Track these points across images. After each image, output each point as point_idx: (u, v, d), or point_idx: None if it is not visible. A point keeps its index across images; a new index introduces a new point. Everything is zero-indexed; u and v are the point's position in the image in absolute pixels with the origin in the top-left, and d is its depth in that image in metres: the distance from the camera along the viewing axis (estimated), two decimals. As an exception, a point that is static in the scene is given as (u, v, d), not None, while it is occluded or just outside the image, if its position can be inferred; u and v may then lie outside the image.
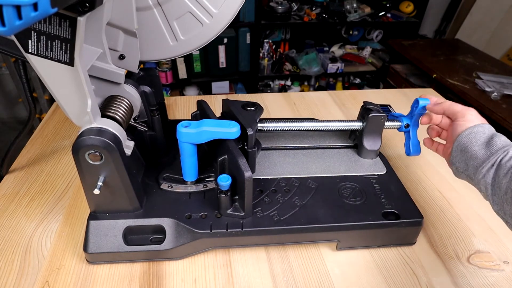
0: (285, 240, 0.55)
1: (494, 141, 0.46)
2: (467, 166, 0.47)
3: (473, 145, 0.47)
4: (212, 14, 0.51)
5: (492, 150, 0.45)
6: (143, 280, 0.51)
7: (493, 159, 0.44)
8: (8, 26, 0.24)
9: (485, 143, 0.46)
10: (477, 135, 0.48)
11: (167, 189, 0.56)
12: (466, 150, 0.48)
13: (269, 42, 2.43)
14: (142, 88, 0.57)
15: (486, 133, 0.48)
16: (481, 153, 0.46)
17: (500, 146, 0.45)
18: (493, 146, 0.45)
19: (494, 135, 0.47)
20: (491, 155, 0.45)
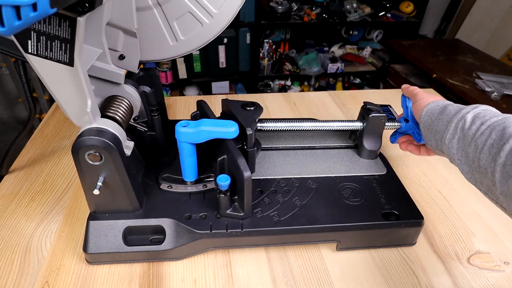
0: (285, 240, 0.55)
1: (448, 109, 0.47)
2: (436, 141, 0.48)
3: (432, 120, 0.49)
4: (212, 14, 0.51)
5: (447, 118, 0.46)
6: (143, 280, 0.51)
7: (450, 127, 0.45)
8: (7, 27, 0.24)
9: (440, 114, 0.48)
10: (433, 110, 0.50)
11: (166, 189, 0.56)
12: (430, 127, 0.49)
13: (269, 42, 2.43)
14: (142, 88, 0.57)
15: (439, 105, 0.50)
16: (440, 125, 0.47)
17: (454, 112, 0.46)
18: (447, 114, 0.47)
19: (447, 105, 0.48)
20: (448, 124, 0.45)
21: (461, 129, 0.43)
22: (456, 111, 0.46)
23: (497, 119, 0.40)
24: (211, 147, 0.59)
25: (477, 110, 0.44)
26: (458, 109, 0.46)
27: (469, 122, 0.43)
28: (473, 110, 0.44)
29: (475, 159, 0.40)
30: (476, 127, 0.41)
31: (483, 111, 0.43)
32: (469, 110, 0.44)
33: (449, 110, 0.47)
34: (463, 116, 0.44)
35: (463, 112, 0.44)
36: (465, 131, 0.43)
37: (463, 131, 0.43)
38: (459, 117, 0.44)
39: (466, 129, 0.43)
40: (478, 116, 0.42)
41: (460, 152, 0.43)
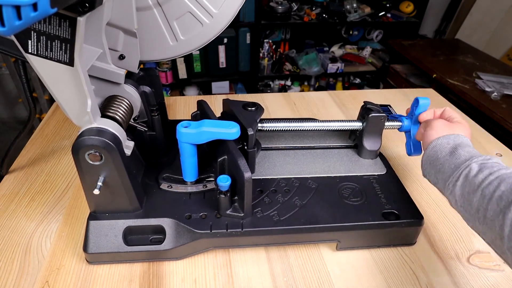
0: (285, 240, 0.55)
1: (458, 152, 0.44)
2: (437, 179, 0.46)
3: (439, 158, 0.46)
4: (212, 14, 0.51)
5: (456, 163, 0.43)
6: (143, 280, 0.51)
7: (457, 173, 0.42)
8: (8, 26, 0.24)
9: (449, 155, 0.45)
10: (441, 147, 0.46)
11: (167, 189, 0.56)
12: (433, 163, 0.47)
13: (269, 42, 2.43)
14: (142, 88, 0.57)
15: (450, 144, 0.46)
16: (446, 167, 0.44)
17: (464, 158, 0.43)
18: (457, 158, 0.44)
19: (458, 146, 0.45)
20: (456, 169, 0.43)
21: (465, 176, 0.41)
22: (466, 159, 0.43)
23: (507, 172, 0.39)
24: (211, 147, 0.59)
25: (485, 159, 0.42)
26: (469, 156, 0.43)
27: (475, 170, 0.41)
28: (481, 158, 0.42)
29: (481, 208, 0.39)
30: (483, 176, 0.39)
31: (492, 162, 0.41)
32: (478, 159, 0.42)
33: (459, 154, 0.44)
34: (469, 164, 0.42)
35: (472, 160, 0.42)
36: (470, 178, 0.41)
37: (467, 178, 0.41)
38: (467, 164, 0.42)
39: (472, 176, 0.40)
40: (485, 166, 0.41)
41: (462, 199, 0.42)
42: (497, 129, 1.42)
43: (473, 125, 0.92)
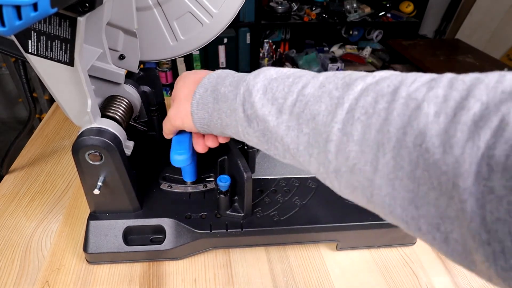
0: (285, 240, 0.55)
1: (222, 93, 0.36)
2: (233, 134, 0.37)
3: (212, 116, 0.37)
4: (212, 14, 0.51)
5: (230, 106, 0.35)
6: (143, 280, 0.51)
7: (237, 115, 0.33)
8: (8, 26, 0.24)
9: (215, 103, 0.36)
10: (204, 101, 0.37)
11: (166, 189, 0.56)
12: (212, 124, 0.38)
13: (269, 42, 2.43)
14: (142, 88, 0.57)
15: (208, 89, 0.37)
16: (225, 118, 0.36)
17: (232, 96, 0.34)
18: (225, 101, 0.35)
19: (216, 87, 0.37)
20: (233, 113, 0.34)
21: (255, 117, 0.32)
22: (233, 95, 0.34)
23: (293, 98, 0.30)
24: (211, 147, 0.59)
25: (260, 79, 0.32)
26: (233, 91, 0.34)
27: (260, 106, 0.32)
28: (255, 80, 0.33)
29: (296, 160, 0.32)
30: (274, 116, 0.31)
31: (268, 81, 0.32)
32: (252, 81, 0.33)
33: (223, 94, 0.35)
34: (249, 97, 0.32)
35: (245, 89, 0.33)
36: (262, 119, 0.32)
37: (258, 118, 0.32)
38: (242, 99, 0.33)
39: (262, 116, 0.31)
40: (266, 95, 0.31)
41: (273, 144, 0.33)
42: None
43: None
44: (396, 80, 0.25)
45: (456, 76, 0.23)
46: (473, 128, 0.20)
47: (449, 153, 0.20)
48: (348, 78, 0.28)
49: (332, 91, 0.28)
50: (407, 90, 0.24)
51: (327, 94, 0.28)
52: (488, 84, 0.21)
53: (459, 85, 0.22)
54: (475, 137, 0.19)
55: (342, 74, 0.29)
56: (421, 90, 0.23)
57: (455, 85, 0.22)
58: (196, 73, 0.42)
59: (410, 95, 0.23)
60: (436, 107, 0.22)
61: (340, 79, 0.28)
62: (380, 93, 0.25)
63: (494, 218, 0.18)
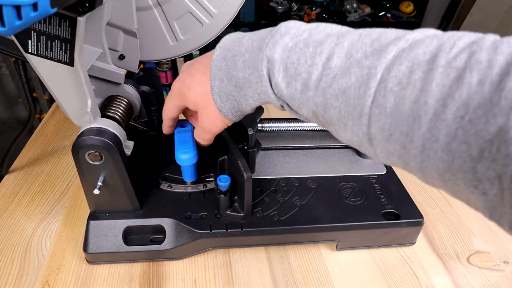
0: (285, 240, 0.55)
1: (235, 77, 0.33)
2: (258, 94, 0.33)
3: (241, 106, 0.35)
4: (212, 14, 0.51)
5: (249, 92, 0.33)
6: (143, 280, 0.51)
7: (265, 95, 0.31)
8: (8, 26, 0.24)
9: (235, 89, 0.33)
10: (224, 89, 0.34)
11: (166, 189, 0.56)
12: (240, 108, 0.35)
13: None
14: (142, 88, 0.57)
15: (218, 76, 0.34)
16: (250, 98, 0.33)
17: (245, 78, 0.32)
18: (246, 86, 0.33)
19: (228, 71, 0.33)
20: (266, 93, 0.31)
21: (280, 93, 0.30)
22: (253, 75, 0.31)
23: (318, 72, 0.28)
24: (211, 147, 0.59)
25: (278, 55, 0.29)
26: (250, 71, 0.31)
27: (283, 84, 0.30)
28: (274, 56, 0.29)
29: (331, 127, 0.30)
30: (299, 93, 0.29)
31: (289, 53, 0.29)
32: (273, 58, 0.29)
33: (242, 79, 0.32)
34: (268, 74, 0.30)
35: (264, 66, 0.30)
36: (289, 94, 0.30)
37: (285, 93, 0.30)
38: (267, 84, 0.31)
39: (287, 94, 0.30)
40: (288, 71, 0.29)
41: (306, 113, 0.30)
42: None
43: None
44: (432, 45, 0.23)
45: (501, 38, 0.21)
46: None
47: (492, 123, 0.19)
48: (377, 43, 0.26)
49: (362, 61, 0.25)
50: (446, 57, 0.22)
51: (357, 65, 0.25)
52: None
53: (504, 48, 0.20)
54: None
55: (370, 37, 0.26)
56: (462, 56, 0.21)
57: (500, 48, 0.20)
58: (198, 62, 0.37)
59: (450, 63, 0.22)
60: (480, 75, 0.20)
61: (369, 45, 0.26)
62: (416, 62, 0.23)
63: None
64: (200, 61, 0.37)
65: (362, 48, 0.26)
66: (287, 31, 0.30)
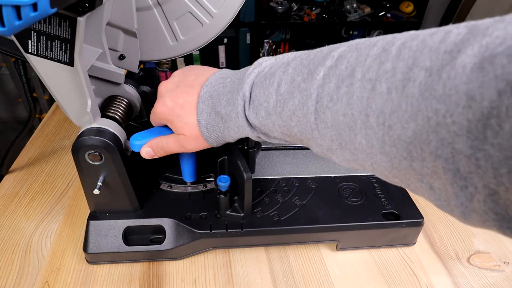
0: (285, 240, 0.55)
1: (220, 113, 0.37)
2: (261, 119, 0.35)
3: (224, 136, 0.39)
4: (212, 14, 0.51)
5: (231, 125, 0.37)
6: (143, 280, 0.51)
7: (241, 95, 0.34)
8: (7, 26, 0.24)
9: (222, 122, 0.37)
10: (215, 129, 0.39)
11: (166, 189, 0.56)
12: (224, 138, 0.40)
13: (269, 42, 2.43)
14: (142, 88, 0.57)
15: (205, 110, 0.38)
16: (229, 96, 0.36)
17: (226, 114, 0.36)
18: (227, 120, 0.37)
19: (214, 107, 0.37)
20: (243, 128, 0.36)
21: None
22: (233, 112, 0.35)
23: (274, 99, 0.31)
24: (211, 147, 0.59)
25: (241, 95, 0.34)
26: (231, 108, 0.35)
27: (253, 118, 0.34)
28: (242, 101, 0.34)
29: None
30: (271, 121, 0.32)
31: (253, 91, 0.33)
32: (240, 102, 0.34)
33: (226, 114, 0.37)
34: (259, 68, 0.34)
35: (239, 111, 0.34)
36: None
37: None
38: (243, 118, 0.35)
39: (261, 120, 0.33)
40: (253, 104, 0.33)
41: None
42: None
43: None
44: (352, 58, 0.26)
45: (405, 41, 0.23)
46: (421, 99, 0.20)
47: (407, 127, 0.22)
48: (312, 64, 0.29)
49: (301, 84, 0.29)
50: (361, 70, 0.24)
51: (297, 88, 0.29)
52: (431, 47, 0.21)
53: (405, 53, 0.22)
54: (423, 109, 0.20)
55: (308, 59, 0.30)
56: (373, 68, 0.24)
57: (402, 55, 0.22)
58: (185, 92, 0.39)
59: (364, 76, 0.24)
60: (387, 83, 0.22)
61: (306, 67, 0.29)
62: (340, 78, 0.26)
63: (466, 171, 0.19)
64: (187, 91, 0.39)
65: (301, 71, 0.29)
66: (253, 70, 0.34)
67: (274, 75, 0.32)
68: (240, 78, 0.35)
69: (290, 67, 0.31)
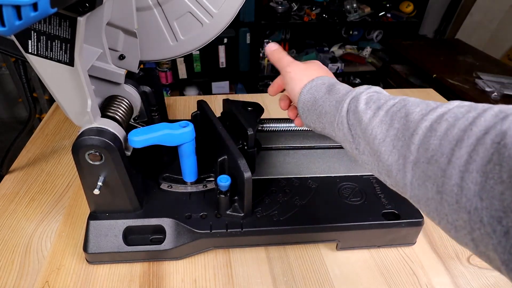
0: (285, 240, 0.55)
1: (337, 88, 0.40)
2: (323, 124, 0.41)
3: (317, 100, 0.41)
4: (212, 14, 0.51)
5: (337, 98, 0.39)
6: (143, 280, 0.51)
7: (342, 109, 0.38)
8: (8, 26, 0.24)
9: (327, 93, 0.41)
10: (317, 88, 0.42)
11: (167, 189, 0.56)
12: (313, 107, 0.42)
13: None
14: (142, 88, 0.57)
15: (325, 84, 0.42)
16: (328, 105, 0.40)
17: (344, 92, 0.39)
18: (337, 93, 0.40)
19: (335, 83, 0.42)
20: (339, 104, 0.38)
21: (354, 112, 0.36)
22: (346, 91, 0.39)
23: (395, 102, 0.34)
24: (211, 147, 0.59)
25: (370, 91, 0.38)
26: (348, 89, 0.40)
27: (363, 104, 0.36)
28: (366, 90, 0.38)
29: (377, 152, 0.33)
30: (372, 112, 0.35)
31: (376, 93, 0.37)
32: (363, 90, 0.38)
33: (338, 89, 0.40)
34: (357, 96, 0.37)
35: (356, 92, 0.38)
36: (358, 115, 0.35)
37: (356, 114, 0.36)
38: (351, 97, 0.38)
39: (361, 112, 0.35)
40: (371, 99, 0.36)
41: (357, 140, 0.36)
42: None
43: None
44: (480, 106, 0.28)
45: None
46: None
47: None
48: (433, 102, 0.33)
49: (431, 103, 0.32)
50: (500, 107, 0.27)
51: (425, 104, 0.32)
52: None
53: None
54: None
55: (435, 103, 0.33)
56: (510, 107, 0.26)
57: None
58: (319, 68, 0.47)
59: (500, 110, 0.26)
60: None
61: (434, 102, 0.33)
62: (474, 108, 0.28)
63: None
64: (316, 69, 0.47)
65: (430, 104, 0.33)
66: (367, 89, 0.39)
67: (396, 95, 0.36)
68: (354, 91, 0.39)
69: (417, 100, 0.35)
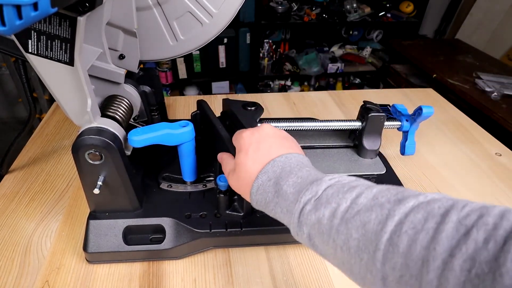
0: (285, 239, 0.55)
1: (284, 191, 0.36)
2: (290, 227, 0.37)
3: (268, 205, 0.38)
4: (212, 14, 0.51)
5: (288, 207, 0.35)
6: (142, 279, 0.51)
7: (294, 220, 0.34)
8: (8, 26, 0.24)
9: (276, 196, 0.37)
10: (265, 189, 0.38)
11: (166, 188, 0.56)
12: (268, 210, 0.38)
13: (269, 42, 2.43)
14: (142, 88, 0.57)
15: (272, 179, 0.37)
16: (280, 213, 0.37)
17: (292, 198, 0.35)
18: (286, 200, 0.36)
19: (279, 179, 0.37)
20: (291, 215, 0.35)
21: (307, 225, 0.33)
22: (294, 197, 0.35)
23: (346, 205, 0.31)
24: (211, 147, 0.59)
25: (319, 190, 0.33)
26: (294, 191, 0.35)
27: (313, 215, 0.32)
28: (312, 195, 0.33)
29: (346, 264, 0.32)
30: (327, 220, 0.31)
31: (324, 191, 0.33)
32: (309, 196, 0.33)
33: (285, 192, 0.35)
34: (304, 207, 0.33)
35: (303, 200, 0.34)
36: (313, 227, 0.32)
37: (310, 227, 0.33)
38: (300, 209, 0.34)
39: (315, 223, 0.32)
40: (321, 203, 0.32)
41: (320, 247, 0.33)
42: (497, 129, 1.42)
43: (473, 125, 0.92)
44: (448, 203, 0.27)
45: (509, 209, 0.24)
46: None
47: (499, 282, 0.21)
48: (400, 194, 0.29)
49: (384, 204, 0.29)
50: (457, 214, 0.25)
51: (379, 206, 0.29)
52: None
53: (510, 216, 0.23)
54: None
55: (396, 190, 0.30)
56: (472, 217, 0.24)
57: (506, 216, 0.23)
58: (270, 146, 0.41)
59: (460, 221, 0.24)
60: (485, 234, 0.23)
61: (393, 195, 0.30)
62: (431, 213, 0.26)
63: None
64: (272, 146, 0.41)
65: (387, 196, 0.30)
66: (333, 177, 0.35)
67: (355, 188, 0.32)
68: (318, 175, 0.36)
69: (375, 188, 0.32)
